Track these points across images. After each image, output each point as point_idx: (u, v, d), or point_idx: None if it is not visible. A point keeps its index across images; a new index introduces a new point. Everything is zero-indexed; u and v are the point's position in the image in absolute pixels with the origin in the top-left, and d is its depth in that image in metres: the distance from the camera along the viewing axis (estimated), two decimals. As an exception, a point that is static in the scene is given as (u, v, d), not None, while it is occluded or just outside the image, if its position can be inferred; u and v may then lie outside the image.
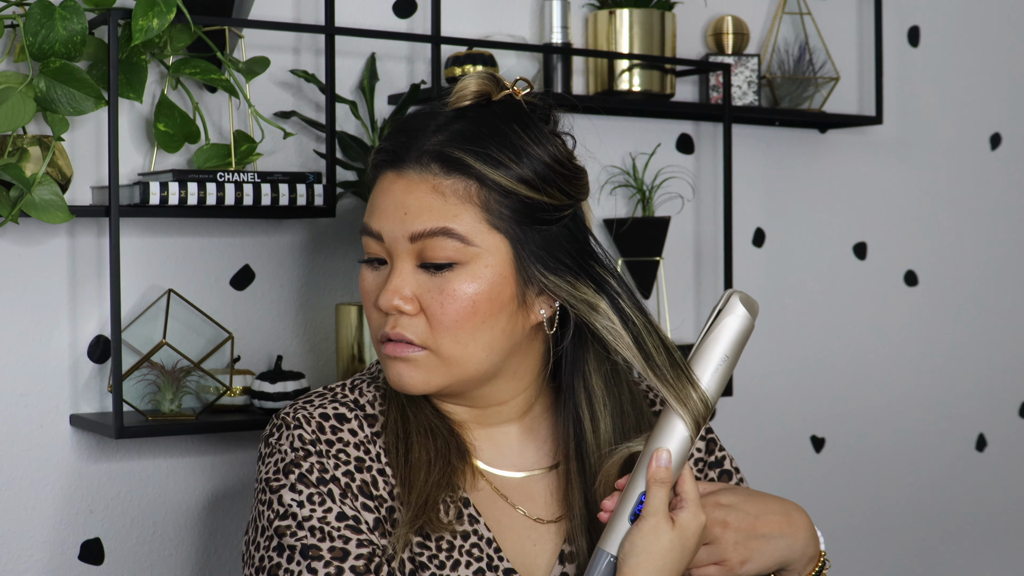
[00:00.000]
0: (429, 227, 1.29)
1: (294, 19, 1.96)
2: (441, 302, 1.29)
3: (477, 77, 1.34)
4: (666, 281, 2.31)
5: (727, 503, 1.35)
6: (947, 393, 2.71)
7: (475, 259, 1.30)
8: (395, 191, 1.31)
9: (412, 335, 1.30)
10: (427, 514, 1.30)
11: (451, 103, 1.34)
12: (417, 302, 1.30)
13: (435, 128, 1.32)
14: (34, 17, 1.63)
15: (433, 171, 1.30)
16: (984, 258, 2.76)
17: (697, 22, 2.36)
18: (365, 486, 1.31)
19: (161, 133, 1.80)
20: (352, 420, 1.35)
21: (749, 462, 2.37)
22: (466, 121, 1.32)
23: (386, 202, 1.32)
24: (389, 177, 1.32)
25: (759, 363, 2.45)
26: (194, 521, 1.90)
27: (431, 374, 1.32)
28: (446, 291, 1.29)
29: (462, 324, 1.30)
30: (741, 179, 2.40)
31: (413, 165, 1.30)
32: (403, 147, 1.32)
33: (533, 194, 1.30)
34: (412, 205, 1.30)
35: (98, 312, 1.83)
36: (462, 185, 1.29)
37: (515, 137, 1.31)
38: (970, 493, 2.75)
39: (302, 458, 1.31)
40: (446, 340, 1.30)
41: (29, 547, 1.79)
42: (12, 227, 1.76)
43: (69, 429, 1.82)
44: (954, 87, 2.70)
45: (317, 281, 1.99)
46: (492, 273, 1.30)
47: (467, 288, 1.29)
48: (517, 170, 1.30)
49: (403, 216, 1.30)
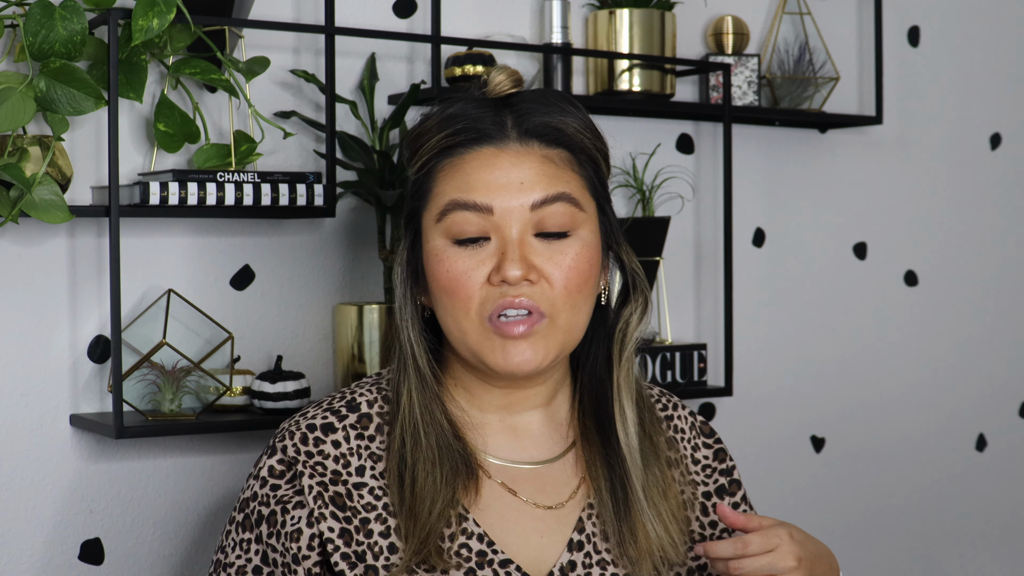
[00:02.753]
0: (552, 192, 1.32)
1: (294, 19, 1.96)
2: (564, 266, 1.33)
3: (504, 69, 1.38)
4: (666, 281, 2.31)
5: (799, 538, 1.36)
6: (947, 393, 2.71)
7: (583, 224, 1.35)
8: (502, 164, 1.33)
9: (540, 302, 1.32)
10: (428, 548, 1.31)
11: (493, 92, 1.36)
12: (537, 270, 1.32)
13: (500, 107, 1.35)
14: (34, 17, 1.63)
15: (537, 144, 1.34)
16: (984, 258, 2.76)
17: (697, 22, 2.36)
18: (338, 497, 1.33)
19: (161, 133, 1.80)
20: (339, 431, 1.37)
21: (749, 462, 2.37)
22: (523, 98, 1.36)
23: (492, 175, 1.32)
24: (486, 153, 1.33)
25: (759, 363, 2.45)
26: (194, 521, 1.90)
27: (549, 346, 1.34)
28: (568, 255, 1.33)
29: (581, 289, 1.34)
30: (741, 179, 2.40)
31: (514, 142, 1.34)
32: (489, 124, 1.34)
33: (603, 162, 1.39)
34: (527, 175, 1.32)
35: (98, 312, 1.83)
36: (567, 155, 1.35)
37: (579, 112, 1.38)
38: (970, 493, 2.75)
39: (252, 497, 1.36)
40: (566, 306, 1.33)
41: (29, 547, 1.79)
42: (12, 227, 1.76)
43: (69, 429, 1.82)
44: (954, 87, 2.70)
45: (317, 281, 1.99)
46: (595, 239, 1.37)
47: (584, 254, 1.34)
48: (597, 143, 1.38)
49: (519, 185, 1.32)
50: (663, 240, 2.22)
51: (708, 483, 1.50)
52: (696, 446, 1.51)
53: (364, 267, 2.01)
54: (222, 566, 1.37)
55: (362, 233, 2.00)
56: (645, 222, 2.21)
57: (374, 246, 1.99)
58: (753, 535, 1.32)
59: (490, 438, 1.40)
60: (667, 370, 2.18)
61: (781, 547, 1.31)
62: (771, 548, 1.31)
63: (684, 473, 1.47)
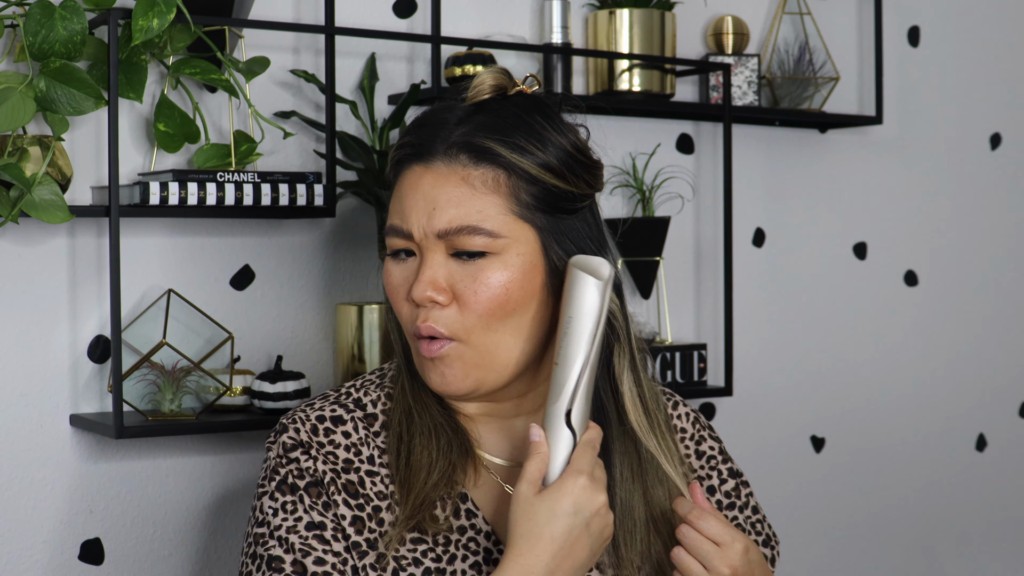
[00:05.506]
0: (456, 225, 1.30)
1: (294, 19, 1.96)
2: (475, 290, 1.30)
3: (492, 72, 1.35)
4: (666, 281, 2.31)
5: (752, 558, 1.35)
6: (947, 393, 2.71)
7: (506, 249, 1.31)
8: (423, 185, 1.32)
9: (443, 327, 1.31)
10: (422, 513, 1.31)
11: (469, 97, 1.34)
12: (450, 292, 1.31)
13: (456, 121, 1.33)
14: (34, 17, 1.63)
15: (462, 161, 1.31)
16: (984, 258, 2.76)
17: (697, 22, 2.36)
18: (351, 485, 1.33)
19: (161, 133, 1.80)
20: (348, 422, 1.37)
21: (749, 462, 2.37)
22: (487, 113, 1.33)
23: (414, 197, 1.32)
24: (416, 171, 1.33)
25: (759, 363, 2.45)
26: (194, 521, 1.90)
27: (468, 368, 1.32)
28: (479, 279, 1.30)
29: (494, 312, 1.31)
30: (741, 179, 2.40)
31: (441, 157, 1.31)
32: (428, 139, 1.32)
33: (558, 182, 1.32)
34: (441, 199, 1.30)
35: (98, 312, 1.83)
36: (491, 175, 1.30)
37: (538, 126, 1.33)
38: (970, 493, 2.75)
39: (282, 464, 1.34)
40: (478, 328, 1.31)
41: (29, 547, 1.79)
42: (12, 227, 1.76)
43: (69, 429, 1.82)
44: (954, 87, 2.70)
45: (317, 281, 1.99)
46: (523, 261, 1.32)
47: (499, 276, 1.31)
48: (543, 157, 1.32)
49: (432, 211, 1.30)
50: (663, 240, 2.22)
51: (712, 476, 1.50)
52: (700, 439, 1.51)
53: (364, 267, 2.01)
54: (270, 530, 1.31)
55: (362, 233, 2.00)
56: (645, 222, 2.21)
57: (374, 246, 1.99)
58: (715, 521, 1.33)
59: (484, 436, 1.40)
60: (667, 370, 2.18)
61: (727, 549, 1.32)
62: (719, 543, 1.32)
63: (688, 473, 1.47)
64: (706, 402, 2.38)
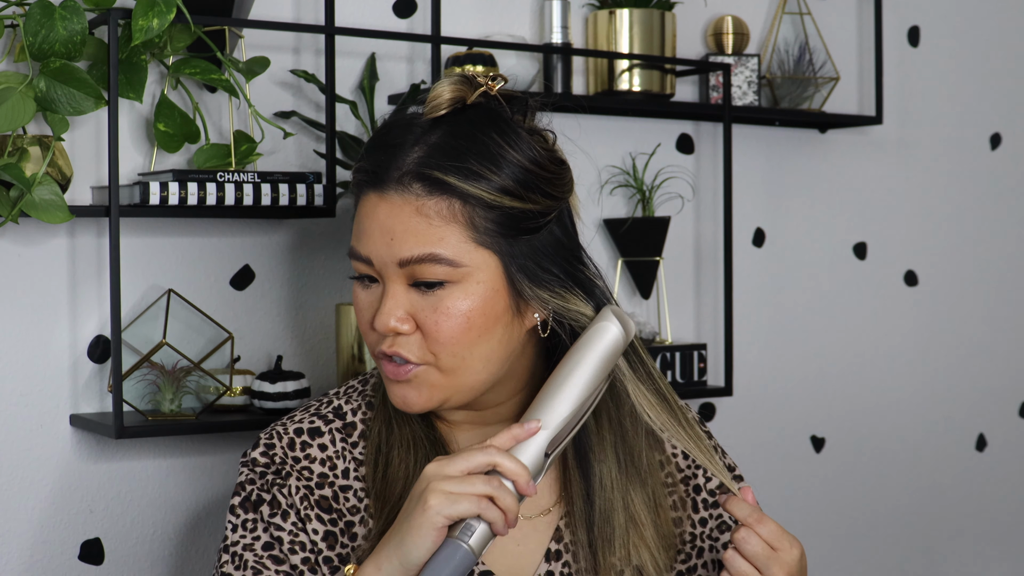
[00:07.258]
0: (416, 254, 1.27)
1: (294, 19, 1.96)
2: (436, 320, 1.29)
3: (450, 82, 1.32)
4: (666, 281, 2.31)
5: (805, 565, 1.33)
6: (947, 393, 2.71)
7: (466, 277, 1.29)
8: (379, 215, 1.30)
9: (409, 353, 1.30)
10: None
11: (426, 112, 1.31)
12: (412, 320, 1.30)
13: (412, 142, 1.30)
14: (34, 17, 1.63)
15: (415, 192, 1.28)
16: (984, 258, 2.76)
17: (697, 22, 2.36)
18: (324, 500, 1.34)
19: (161, 133, 1.80)
20: (325, 435, 1.38)
21: (749, 462, 2.37)
22: (442, 132, 1.29)
23: (372, 226, 1.30)
24: (372, 199, 1.31)
25: (759, 363, 2.45)
26: (194, 521, 1.90)
27: (432, 390, 1.32)
28: (440, 309, 1.28)
29: (458, 340, 1.29)
30: (741, 179, 2.40)
31: (395, 186, 1.28)
32: (383, 166, 1.30)
33: (516, 203, 1.29)
34: (397, 230, 1.28)
35: (98, 312, 1.83)
36: (445, 204, 1.28)
37: (492, 145, 1.29)
38: (970, 493, 2.75)
39: (250, 481, 1.36)
40: (447, 353, 1.30)
41: (29, 547, 1.79)
42: (12, 227, 1.76)
43: (69, 429, 1.82)
44: (954, 87, 2.70)
45: (317, 281, 1.99)
46: (484, 288, 1.29)
47: (461, 305, 1.29)
48: (498, 181, 1.28)
49: (389, 241, 1.29)
50: (663, 240, 2.22)
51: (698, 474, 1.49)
52: None
53: (364, 267, 2.01)
54: (225, 545, 1.35)
55: (362, 233, 2.00)
56: (645, 222, 2.21)
57: (374, 246, 1.99)
58: (774, 525, 1.29)
59: (464, 443, 1.40)
60: (667, 370, 2.18)
61: (784, 554, 1.28)
62: (777, 547, 1.28)
63: (674, 472, 1.46)
64: (706, 402, 2.38)
